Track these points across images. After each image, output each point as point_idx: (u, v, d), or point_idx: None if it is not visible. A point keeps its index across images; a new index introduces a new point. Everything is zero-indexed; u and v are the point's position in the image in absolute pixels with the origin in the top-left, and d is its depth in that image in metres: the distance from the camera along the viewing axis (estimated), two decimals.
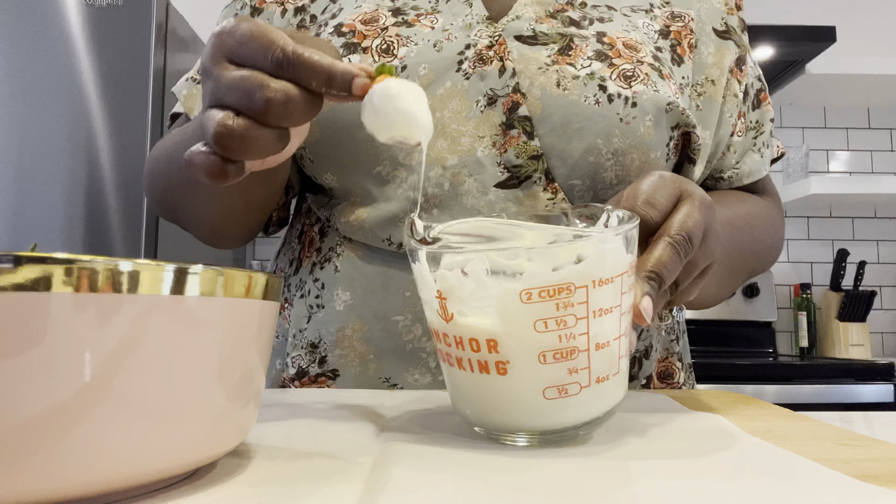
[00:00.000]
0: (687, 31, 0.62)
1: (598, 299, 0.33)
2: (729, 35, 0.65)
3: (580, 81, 0.55)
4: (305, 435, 0.36)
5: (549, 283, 0.32)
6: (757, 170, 0.68)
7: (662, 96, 0.56)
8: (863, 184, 2.00)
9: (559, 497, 0.25)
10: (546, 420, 0.34)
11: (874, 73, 2.00)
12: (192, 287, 0.24)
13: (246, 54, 0.35)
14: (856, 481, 0.27)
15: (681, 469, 0.29)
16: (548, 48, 0.56)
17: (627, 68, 0.56)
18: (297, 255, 0.64)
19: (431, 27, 0.57)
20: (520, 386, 0.33)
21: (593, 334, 0.33)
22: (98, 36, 1.50)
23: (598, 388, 0.34)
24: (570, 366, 0.33)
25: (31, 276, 0.20)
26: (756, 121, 0.68)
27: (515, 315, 0.32)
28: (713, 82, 0.63)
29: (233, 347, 0.26)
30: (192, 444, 0.25)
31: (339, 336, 0.58)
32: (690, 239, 0.40)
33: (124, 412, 0.22)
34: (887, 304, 2.23)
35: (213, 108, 0.35)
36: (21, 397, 0.20)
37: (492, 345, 0.33)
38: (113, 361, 0.22)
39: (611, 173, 0.56)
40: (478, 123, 0.55)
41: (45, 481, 0.21)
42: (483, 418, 0.35)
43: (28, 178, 1.48)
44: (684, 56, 0.62)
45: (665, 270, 0.38)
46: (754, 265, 0.65)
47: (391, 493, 0.25)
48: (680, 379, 0.65)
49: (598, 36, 0.58)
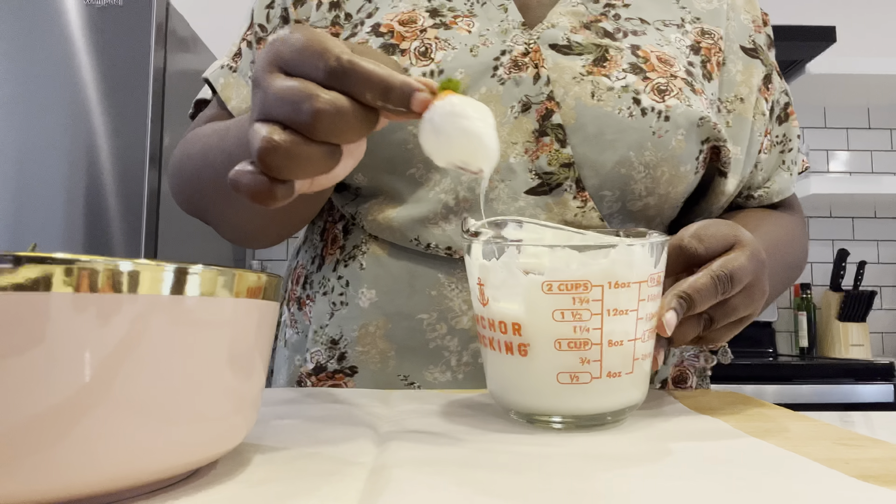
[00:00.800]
0: (716, 49, 0.63)
1: (613, 300, 0.37)
2: (756, 53, 0.65)
3: (615, 93, 0.55)
4: (305, 435, 0.36)
5: (567, 279, 0.36)
6: (786, 188, 0.68)
7: (695, 111, 0.56)
8: (863, 184, 2.00)
9: (559, 497, 0.25)
10: (559, 403, 0.38)
11: (874, 73, 2.00)
12: (192, 287, 0.24)
13: (298, 63, 0.32)
14: (856, 481, 0.27)
15: (680, 469, 0.29)
16: (582, 58, 0.57)
17: (661, 82, 0.56)
18: (319, 252, 0.64)
19: (468, 31, 0.57)
20: (538, 368, 0.38)
21: (607, 331, 0.37)
22: (98, 36, 1.50)
23: (610, 382, 0.37)
24: (582, 356, 0.37)
25: (31, 276, 0.20)
26: (783, 135, 0.68)
27: (537, 303, 0.37)
28: (742, 100, 0.63)
29: (233, 347, 0.26)
30: (192, 444, 0.25)
31: (362, 333, 0.58)
32: (732, 278, 0.42)
33: (124, 412, 0.22)
34: (887, 304, 2.23)
35: (259, 122, 0.32)
36: (21, 397, 0.20)
37: (516, 328, 0.38)
38: (113, 361, 0.22)
39: (641, 185, 0.56)
40: (511, 129, 0.55)
41: (45, 481, 0.21)
42: (507, 397, 0.40)
43: (28, 178, 1.48)
44: (713, 73, 0.62)
45: (697, 295, 0.41)
46: (783, 289, 0.66)
47: (391, 493, 0.25)
48: (692, 384, 0.65)
49: (632, 49, 0.58)
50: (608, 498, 0.25)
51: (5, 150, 1.49)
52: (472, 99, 0.33)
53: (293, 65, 0.32)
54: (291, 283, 0.68)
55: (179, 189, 0.61)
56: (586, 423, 0.39)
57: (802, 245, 0.69)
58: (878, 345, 2.21)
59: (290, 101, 0.31)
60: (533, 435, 0.37)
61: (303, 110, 0.31)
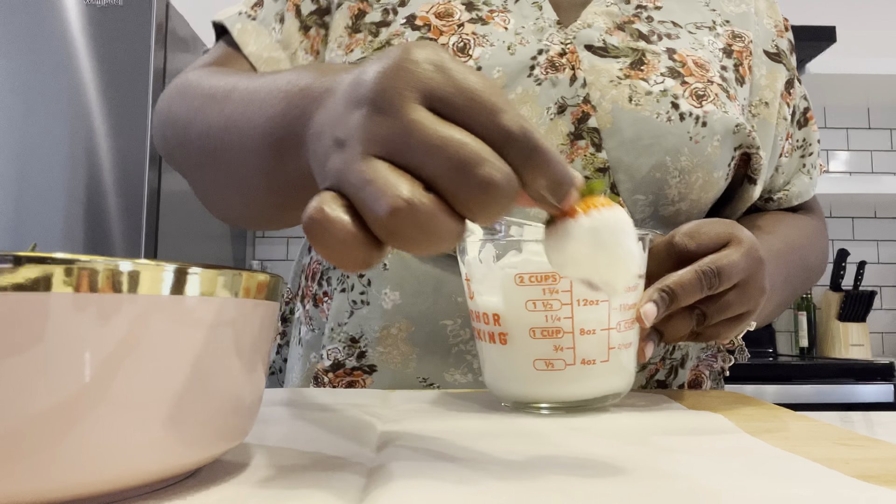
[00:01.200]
0: (747, 53, 0.63)
1: (582, 290, 0.39)
2: (779, 58, 0.66)
3: (653, 97, 0.55)
4: (305, 435, 0.36)
5: (537, 271, 0.39)
6: (806, 191, 0.69)
7: (731, 117, 0.56)
8: (863, 184, 2.00)
9: (559, 497, 0.25)
10: (538, 390, 0.41)
11: (874, 73, 2.00)
12: (192, 287, 0.24)
13: (464, 108, 0.24)
14: (856, 481, 0.27)
15: (680, 469, 0.29)
16: (619, 61, 0.56)
17: (699, 87, 0.56)
18: None
19: (504, 27, 0.56)
20: (516, 355, 0.41)
21: (578, 320, 0.39)
22: (98, 36, 1.50)
23: (585, 368, 0.40)
24: (555, 343, 0.40)
25: (31, 276, 0.20)
26: (803, 139, 0.69)
27: (512, 295, 0.40)
28: (766, 104, 0.63)
29: (233, 347, 0.26)
30: (192, 444, 0.25)
31: (384, 334, 0.57)
32: (719, 274, 0.42)
33: (124, 412, 0.22)
34: (887, 304, 2.23)
35: (385, 165, 0.24)
36: (21, 397, 0.20)
37: (496, 318, 0.41)
38: (113, 361, 0.22)
39: (674, 190, 0.56)
40: (546, 132, 0.55)
41: (45, 481, 0.21)
42: (495, 385, 0.43)
43: (28, 178, 1.48)
44: (745, 77, 0.62)
45: (680, 289, 0.41)
46: (802, 291, 0.66)
47: (391, 493, 0.25)
48: (706, 387, 0.65)
49: (668, 52, 0.58)
50: (608, 498, 0.25)
51: (5, 150, 1.49)
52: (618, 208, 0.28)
53: (454, 107, 0.25)
54: (306, 280, 0.66)
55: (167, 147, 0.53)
56: (567, 407, 0.42)
57: (822, 247, 0.69)
58: (878, 345, 2.21)
59: (455, 158, 0.23)
60: (533, 435, 0.37)
61: (472, 176, 0.23)
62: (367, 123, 0.25)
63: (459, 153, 0.23)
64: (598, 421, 0.41)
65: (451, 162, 0.23)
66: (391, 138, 0.24)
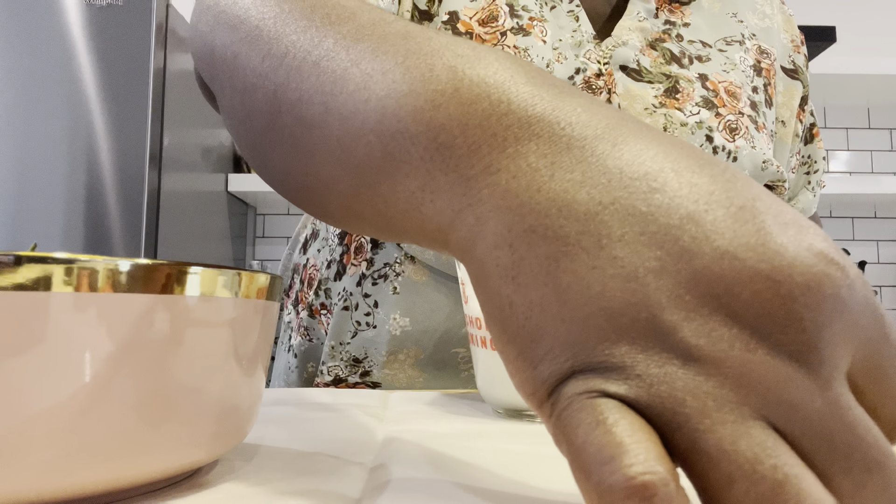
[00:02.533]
0: (774, 71, 0.61)
1: None
2: (796, 74, 0.64)
3: (688, 129, 0.53)
4: (305, 435, 0.36)
5: None
6: (809, 208, 0.68)
7: (758, 154, 0.55)
8: (863, 184, 2.00)
9: (559, 497, 0.25)
10: None
11: (874, 73, 2.00)
12: (192, 287, 0.24)
13: None
14: None
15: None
16: (654, 87, 0.55)
17: (731, 119, 0.55)
18: (338, 257, 0.60)
19: (543, 40, 0.54)
20: None
21: None
22: (98, 36, 1.50)
23: None
24: None
25: (31, 276, 0.20)
26: (809, 155, 0.68)
27: None
28: (784, 123, 0.62)
29: (233, 347, 0.26)
30: (192, 444, 0.25)
31: (390, 359, 0.55)
32: None
33: (124, 412, 0.22)
34: (887, 304, 2.23)
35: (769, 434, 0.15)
36: (21, 397, 0.20)
37: None
38: (113, 361, 0.22)
39: None
40: None
41: (45, 481, 0.21)
42: (484, 391, 0.43)
43: (28, 178, 1.48)
44: (773, 97, 0.60)
45: None
46: None
47: (391, 493, 0.25)
48: None
49: (701, 79, 0.56)
50: None
51: (5, 150, 1.48)
52: None
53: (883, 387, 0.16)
54: (302, 285, 0.64)
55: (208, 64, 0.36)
56: None
57: None
58: None
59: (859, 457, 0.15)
60: (533, 435, 0.37)
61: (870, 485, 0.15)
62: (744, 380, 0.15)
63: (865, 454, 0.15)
64: None
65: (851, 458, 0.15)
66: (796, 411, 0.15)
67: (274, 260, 2.22)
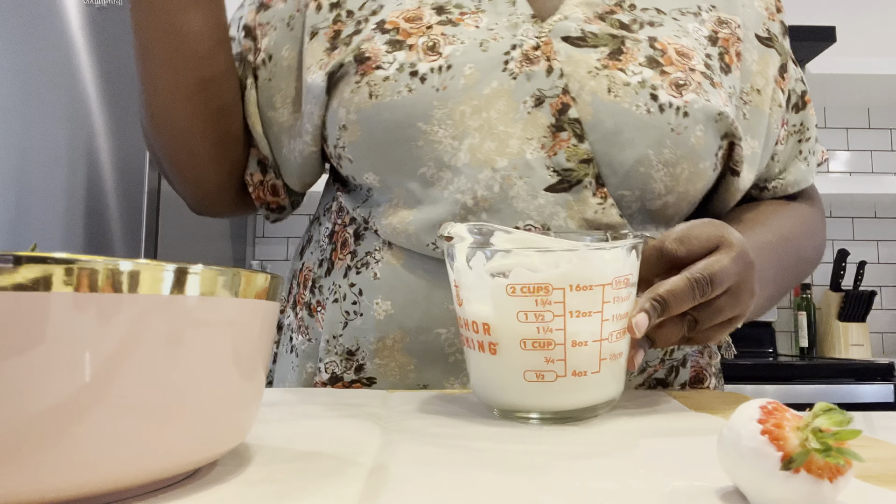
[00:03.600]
0: (734, 39, 0.61)
1: (575, 302, 0.38)
2: (771, 42, 0.64)
3: (631, 89, 0.54)
4: (305, 435, 0.36)
5: (529, 282, 0.38)
6: (804, 179, 0.67)
7: (714, 105, 0.55)
8: (863, 184, 2.00)
9: (560, 497, 0.25)
10: (527, 400, 0.40)
11: (874, 73, 2.00)
12: (192, 287, 0.24)
13: None
14: (856, 481, 0.27)
15: (680, 469, 0.29)
16: (597, 51, 0.55)
17: (679, 77, 0.55)
18: (327, 255, 0.62)
19: (476, 26, 0.56)
20: (506, 366, 0.40)
21: (571, 332, 0.38)
22: (98, 36, 1.50)
23: (576, 380, 0.39)
24: (546, 355, 0.39)
25: (31, 276, 0.20)
26: (800, 123, 0.67)
27: (503, 305, 0.39)
28: (759, 91, 0.62)
29: (233, 347, 0.26)
30: (192, 444, 0.25)
31: (379, 346, 0.56)
32: (712, 282, 0.42)
33: (124, 412, 0.22)
34: (887, 304, 2.23)
35: None
36: (21, 397, 0.20)
37: (486, 328, 0.40)
38: (113, 361, 0.22)
39: (660, 184, 0.55)
40: (525, 125, 0.54)
41: (45, 481, 0.21)
42: (484, 394, 0.42)
43: (28, 178, 1.48)
44: (731, 65, 0.60)
45: (672, 298, 0.41)
46: (797, 282, 0.66)
47: (391, 493, 0.25)
48: (711, 384, 0.64)
49: (649, 41, 0.56)
50: (609, 497, 0.25)
51: (5, 150, 1.48)
52: None
53: None
54: (298, 287, 0.66)
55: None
56: (558, 418, 0.41)
57: (819, 237, 0.68)
58: (878, 345, 2.21)
59: None
60: (533, 434, 0.37)
61: None
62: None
63: None
64: (600, 421, 0.41)
65: None
66: None
67: (274, 260, 2.22)
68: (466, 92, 0.53)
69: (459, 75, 0.54)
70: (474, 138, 0.53)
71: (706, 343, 0.46)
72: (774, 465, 0.22)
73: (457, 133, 0.53)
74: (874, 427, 0.44)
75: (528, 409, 0.40)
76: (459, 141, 0.53)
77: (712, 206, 0.64)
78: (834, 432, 0.22)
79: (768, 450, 0.22)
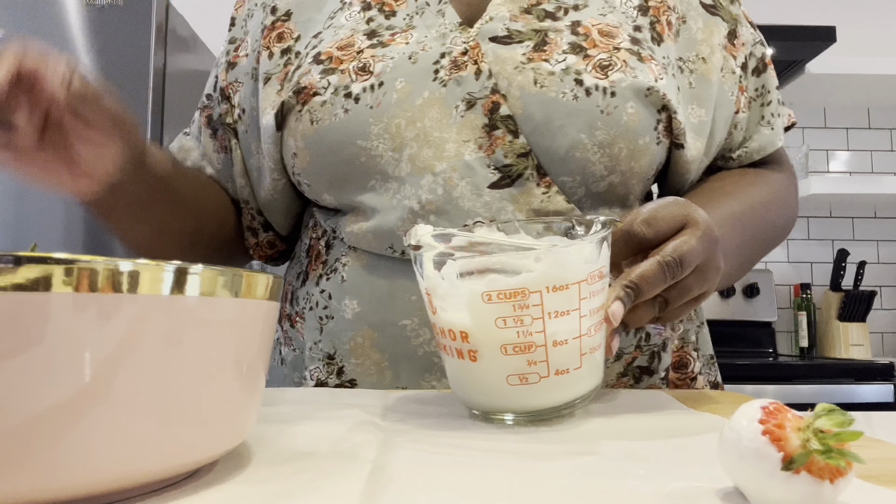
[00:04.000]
0: (665, 8, 0.61)
1: (553, 303, 0.38)
2: (716, 10, 0.64)
3: (556, 77, 0.55)
4: (305, 435, 0.36)
5: (505, 287, 0.37)
6: (770, 142, 0.66)
7: (642, 81, 0.55)
8: (863, 184, 2.00)
9: (560, 496, 0.25)
10: (511, 403, 0.40)
11: (874, 73, 2.00)
12: (191, 287, 0.24)
13: None
14: (856, 481, 0.27)
15: (679, 469, 0.29)
16: (523, 45, 0.56)
17: (603, 58, 0.56)
18: (304, 268, 0.65)
19: (406, 42, 0.58)
20: (488, 372, 0.39)
21: (550, 332, 0.38)
22: (98, 36, 1.50)
23: (559, 379, 0.39)
24: (528, 358, 0.38)
25: (31, 276, 0.20)
26: (762, 87, 0.66)
27: (480, 312, 0.38)
28: (704, 60, 0.62)
29: (233, 347, 0.26)
30: (192, 444, 0.25)
31: (353, 345, 0.58)
32: (681, 263, 0.42)
33: (124, 412, 0.22)
34: (887, 304, 2.23)
35: None
36: (21, 397, 0.20)
37: (464, 336, 0.39)
38: (113, 361, 0.22)
39: (599, 166, 0.56)
40: (460, 128, 0.55)
41: (45, 481, 0.21)
42: (465, 398, 0.42)
43: None
44: (663, 34, 0.60)
45: (645, 284, 0.41)
46: (766, 249, 0.65)
47: (391, 493, 0.25)
48: (695, 368, 0.64)
49: (572, 27, 0.57)
50: (609, 497, 0.25)
51: None
52: None
53: None
54: (282, 301, 0.68)
55: None
56: (539, 417, 0.40)
57: (789, 204, 0.67)
58: (877, 345, 2.21)
59: None
60: (533, 434, 0.37)
61: None
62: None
63: None
64: (600, 421, 0.41)
65: None
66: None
67: None
68: (399, 105, 0.56)
69: (391, 90, 0.56)
70: (412, 148, 0.55)
71: (674, 320, 0.47)
72: (775, 466, 0.22)
73: (395, 145, 0.56)
74: (874, 427, 0.44)
75: (512, 410, 0.40)
76: (399, 152, 0.56)
77: (668, 182, 0.64)
78: (835, 433, 0.22)
79: (769, 450, 0.23)
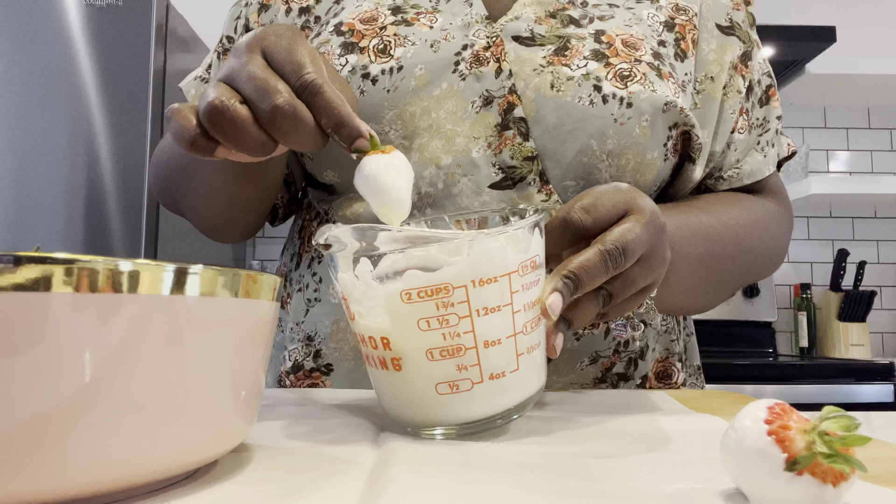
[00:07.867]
0: (691, 27, 0.62)
1: (481, 298, 0.34)
2: (733, 31, 0.64)
3: (574, 82, 0.55)
4: (305, 435, 0.36)
5: (426, 284, 0.33)
6: (759, 170, 0.66)
7: (659, 96, 0.55)
8: (863, 184, 2.00)
9: (559, 497, 0.25)
10: (444, 414, 0.35)
11: (874, 73, 2.00)
12: (192, 287, 0.24)
13: (281, 62, 0.36)
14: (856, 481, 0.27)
15: (680, 471, 0.29)
16: (545, 49, 0.56)
17: (624, 68, 0.55)
18: (297, 250, 0.65)
19: (430, 26, 0.57)
20: (414, 382, 0.35)
21: (480, 332, 0.34)
22: (98, 36, 1.50)
23: (494, 384, 0.35)
24: (458, 362, 0.34)
25: (31, 276, 0.20)
26: (763, 117, 0.67)
27: (400, 315, 0.34)
28: (712, 79, 0.62)
29: (233, 347, 0.26)
30: (192, 444, 0.25)
31: (334, 329, 0.58)
32: (624, 252, 0.39)
33: (124, 412, 0.22)
34: (887, 304, 2.23)
35: (223, 83, 0.36)
36: (21, 397, 0.20)
37: (385, 342, 0.35)
38: (113, 361, 0.22)
39: (605, 174, 0.55)
40: (473, 124, 0.55)
41: (45, 481, 0.21)
42: (392, 412, 0.37)
43: (28, 178, 1.48)
44: (688, 52, 0.61)
45: (585, 274, 0.38)
46: (742, 274, 0.62)
47: (391, 493, 0.25)
48: (678, 380, 0.64)
49: (596, 35, 0.57)
50: (609, 497, 0.25)
51: (5, 151, 1.48)
52: (400, 159, 0.37)
53: (276, 61, 0.36)
54: None
55: (155, 181, 0.66)
56: (473, 430, 0.36)
57: (775, 232, 0.65)
58: (878, 345, 2.21)
59: (260, 86, 0.35)
60: (533, 436, 0.37)
61: (267, 100, 0.35)
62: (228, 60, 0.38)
63: (263, 83, 0.35)
64: (599, 421, 0.41)
65: (258, 88, 0.35)
66: (232, 70, 0.37)
67: (274, 260, 2.22)
68: (416, 93, 0.55)
69: (410, 76, 0.55)
70: (423, 138, 0.55)
71: (621, 316, 0.44)
72: (778, 466, 0.22)
73: (407, 133, 0.55)
74: (874, 427, 0.44)
75: (445, 423, 0.36)
76: (410, 141, 0.56)
77: (666, 194, 0.64)
78: (841, 437, 0.22)
79: (773, 450, 0.22)
